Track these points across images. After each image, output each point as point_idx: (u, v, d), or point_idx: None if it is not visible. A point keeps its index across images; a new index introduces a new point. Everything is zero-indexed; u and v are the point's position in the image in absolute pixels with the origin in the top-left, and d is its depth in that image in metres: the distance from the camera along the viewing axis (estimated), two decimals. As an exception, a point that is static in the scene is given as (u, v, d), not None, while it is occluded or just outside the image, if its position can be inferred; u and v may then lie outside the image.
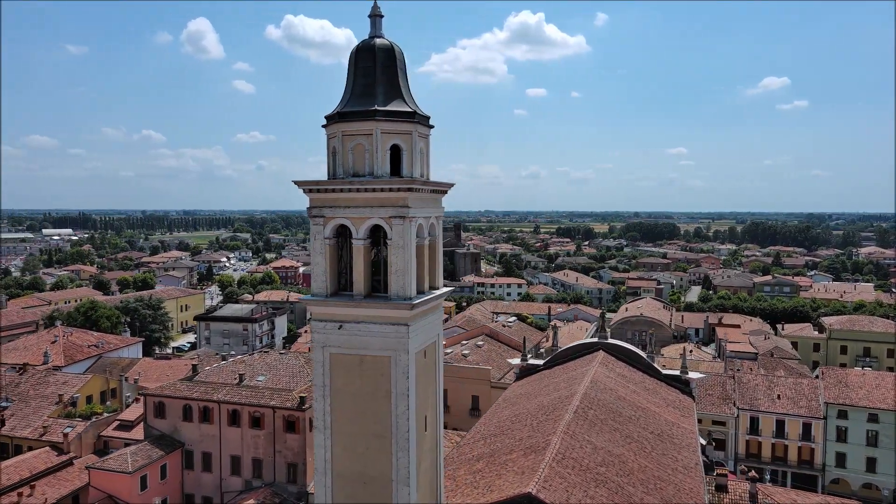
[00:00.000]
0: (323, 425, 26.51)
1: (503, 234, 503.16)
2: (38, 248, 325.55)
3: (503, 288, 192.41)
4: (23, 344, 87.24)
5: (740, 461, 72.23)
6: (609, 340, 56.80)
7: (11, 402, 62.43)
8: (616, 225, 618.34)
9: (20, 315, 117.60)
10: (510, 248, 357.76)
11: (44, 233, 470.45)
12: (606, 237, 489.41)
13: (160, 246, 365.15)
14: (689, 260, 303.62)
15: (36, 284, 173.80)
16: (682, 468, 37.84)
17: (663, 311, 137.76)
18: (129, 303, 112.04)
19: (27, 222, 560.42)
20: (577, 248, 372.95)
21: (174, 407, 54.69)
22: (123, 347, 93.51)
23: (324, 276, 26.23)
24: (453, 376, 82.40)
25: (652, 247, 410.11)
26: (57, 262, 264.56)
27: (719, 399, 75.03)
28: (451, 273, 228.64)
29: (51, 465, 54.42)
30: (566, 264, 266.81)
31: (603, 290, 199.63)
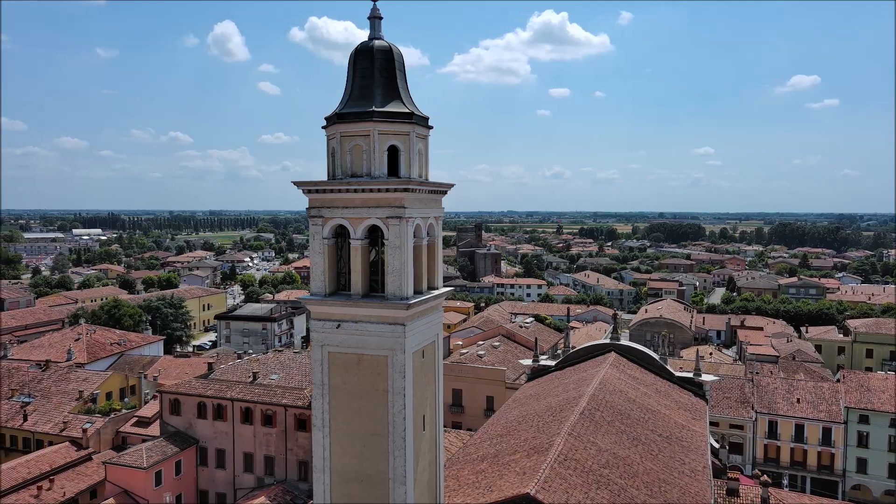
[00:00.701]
0: (322, 423, 26.79)
1: (525, 235, 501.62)
2: (68, 248, 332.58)
3: (523, 289, 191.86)
4: (48, 341, 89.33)
5: (758, 465, 71.13)
6: (621, 342, 56.36)
7: (34, 397, 63.97)
8: (640, 226, 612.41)
9: (47, 313, 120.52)
10: (532, 248, 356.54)
11: (74, 233, 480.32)
12: (629, 238, 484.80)
13: (185, 246, 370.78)
14: (713, 261, 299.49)
15: (64, 283, 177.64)
16: (689, 471, 37.44)
17: (684, 312, 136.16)
18: (151, 301, 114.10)
19: (58, 222, 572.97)
20: (599, 248, 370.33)
21: (189, 404, 55.59)
22: (145, 345, 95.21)
23: (322, 275, 26.51)
24: (468, 377, 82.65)
25: (676, 248, 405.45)
26: (85, 262, 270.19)
27: (737, 402, 73.97)
28: (471, 274, 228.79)
29: (70, 459, 55.76)
30: (587, 265, 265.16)
31: (624, 291, 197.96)
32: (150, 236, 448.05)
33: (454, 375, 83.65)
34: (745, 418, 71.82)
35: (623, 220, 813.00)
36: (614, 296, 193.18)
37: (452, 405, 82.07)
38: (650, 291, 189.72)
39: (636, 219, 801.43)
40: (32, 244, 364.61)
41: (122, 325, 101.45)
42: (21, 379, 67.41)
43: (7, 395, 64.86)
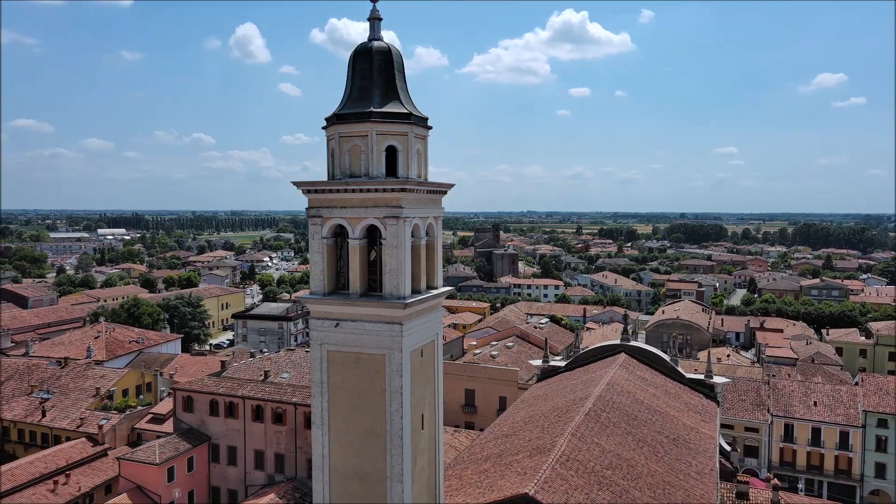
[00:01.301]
0: (321, 421, 27.04)
1: (544, 235, 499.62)
2: (93, 248, 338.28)
3: (540, 289, 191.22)
4: (68, 339, 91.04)
5: (774, 469, 70.15)
6: (632, 343, 55.99)
7: (52, 394, 65.23)
8: (660, 226, 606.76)
9: (69, 311, 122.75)
10: (550, 249, 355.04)
11: (99, 232, 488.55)
12: (650, 238, 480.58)
13: (206, 246, 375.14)
14: (734, 262, 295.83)
15: (87, 282, 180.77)
16: (695, 473, 37.11)
17: (702, 314, 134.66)
18: (169, 300, 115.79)
19: (84, 222, 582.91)
20: (618, 249, 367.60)
21: (202, 401, 56.27)
22: (163, 343, 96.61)
23: (322, 274, 26.76)
24: (481, 377, 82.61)
25: (697, 248, 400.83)
26: (109, 261, 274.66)
27: (753, 405, 73.04)
28: (488, 274, 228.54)
29: (86, 455, 56.76)
30: (606, 266, 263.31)
31: (642, 292, 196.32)
32: (173, 236, 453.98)
33: (467, 376, 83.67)
34: (761, 421, 70.88)
35: (644, 220, 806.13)
36: (632, 297, 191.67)
37: (465, 405, 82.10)
38: (668, 292, 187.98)
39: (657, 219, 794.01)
40: (58, 244, 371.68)
41: (141, 324, 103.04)
42: (40, 376, 68.79)
43: (27, 392, 66.24)
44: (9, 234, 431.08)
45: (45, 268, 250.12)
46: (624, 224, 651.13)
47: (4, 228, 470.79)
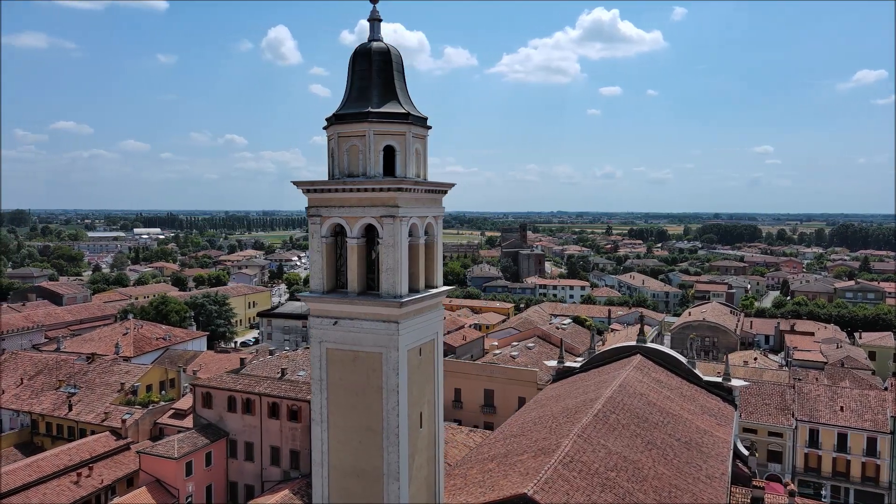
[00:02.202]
0: (320, 418, 27.35)
1: (573, 236, 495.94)
2: (128, 247, 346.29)
3: (566, 290, 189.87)
4: (98, 335, 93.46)
5: (798, 475, 68.62)
6: (648, 345, 55.32)
7: (79, 388, 67.05)
8: (692, 226, 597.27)
9: (101, 308, 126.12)
10: (578, 249, 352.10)
11: (135, 232, 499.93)
12: (680, 239, 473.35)
13: (237, 245, 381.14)
14: (768, 264, 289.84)
15: (120, 280, 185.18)
16: (704, 477, 36.54)
17: (729, 316, 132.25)
18: (196, 298, 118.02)
19: (121, 222, 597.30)
20: (647, 250, 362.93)
21: (220, 398, 57.29)
22: (189, 340, 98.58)
23: (321, 273, 27.08)
24: (500, 377, 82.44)
25: (729, 249, 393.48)
26: (143, 260, 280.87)
27: (777, 409, 71.50)
28: (514, 274, 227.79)
29: (109, 448, 58.24)
30: (634, 267, 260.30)
31: (670, 293, 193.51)
32: (205, 236, 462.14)
33: (486, 376, 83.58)
34: (785, 426, 69.35)
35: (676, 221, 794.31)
36: (660, 298, 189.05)
37: (484, 406, 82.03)
38: (697, 294, 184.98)
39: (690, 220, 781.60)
40: (95, 243, 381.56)
41: (168, 321, 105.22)
42: (68, 371, 70.75)
43: (55, 386, 68.19)
44: (49, 233, 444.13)
45: (81, 266, 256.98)
46: (655, 224, 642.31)
47: (45, 228, 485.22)
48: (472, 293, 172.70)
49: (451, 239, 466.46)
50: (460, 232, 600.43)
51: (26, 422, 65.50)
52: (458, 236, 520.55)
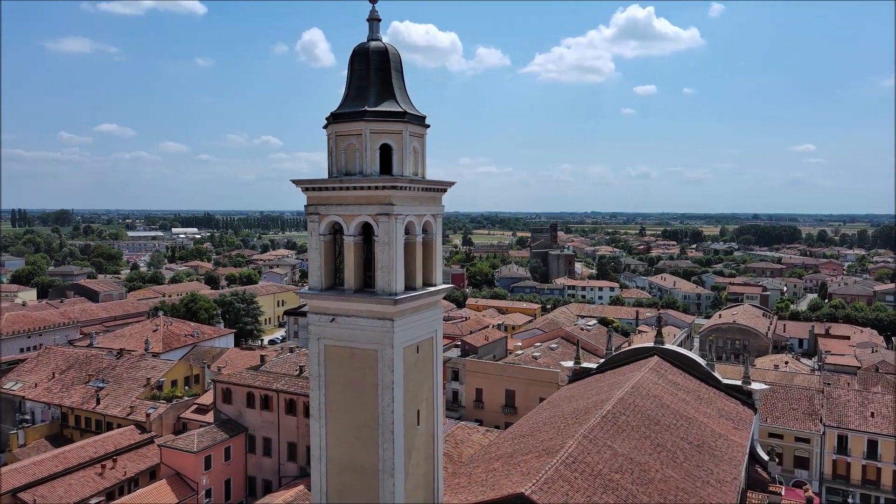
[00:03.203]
0: (318, 414, 27.68)
1: (606, 236, 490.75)
2: (165, 246, 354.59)
3: (594, 291, 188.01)
4: (129, 332, 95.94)
5: (826, 482, 66.81)
6: (665, 346, 54.49)
7: (107, 383, 68.96)
8: (729, 227, 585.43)
9: (135, 305, 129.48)
10: (610, 250, 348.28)
11: (172, 231, 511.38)
12: (716, 240, 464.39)
13: (270, 244, 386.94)
14: (806, 265, 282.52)
15: (156, 278, 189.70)
16: (714, 481, 35.85)
17: (762, 319, 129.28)
18: (225, 297, 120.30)
19: (160, 222, 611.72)
20: (681, 251, 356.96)
21: (239, 394, 58.34)
22: (217, 338, 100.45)
23: (319, 270, 27.40)
24: (521, 378, 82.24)
25: (767, 251, 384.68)
26: (179, 259, 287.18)
27: (804, 414, 69.68)
28: (543, 275, 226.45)
29: (133, 442, 59.75)
30: (666, 268, 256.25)
31: (702, 295, 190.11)
32: (240, 235, 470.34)
33: (507, 376, 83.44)
34: (813, 432, 67.54)
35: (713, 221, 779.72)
36: (691, 300, 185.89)
37: (505, 406, 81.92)
38: (730, 296, 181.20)
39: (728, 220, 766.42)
40: (134, 242, 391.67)
41: (197, 318, 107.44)
42: (98, 365, 72.82)
43: (84, 380, 70.24)
44: (90, 232, 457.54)
45: (120, 264, 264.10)
46: (690, 225, 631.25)
47: (87, 227, 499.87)
48: (498, 293, 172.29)
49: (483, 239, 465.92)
50: (491, 232, 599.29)
51: (57, 414, 67.62)
52: (490, 237, 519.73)
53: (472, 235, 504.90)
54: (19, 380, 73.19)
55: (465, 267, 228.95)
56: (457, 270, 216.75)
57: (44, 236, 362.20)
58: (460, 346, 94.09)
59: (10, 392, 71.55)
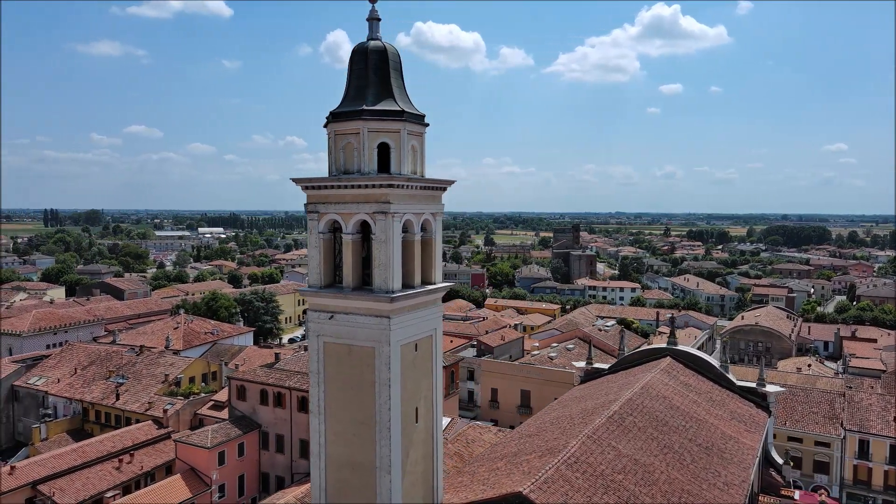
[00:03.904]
0: (318, 410, 27.96)
1: (630, 237, 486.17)
2: (191, 245, 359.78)
3: (615, 292, 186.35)
4: (151, 329, 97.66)
5: (847, 487, 65.41)
6: (678, 347, 53.86)
7: (127, 378, 70.27)
8: (756, 228, 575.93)
9: (158, 304, 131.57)
10: (633, 251, 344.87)
11: (199, 231, 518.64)
12: (743, 241, 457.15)
13: (293, 244, 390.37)
14: (835, 267, 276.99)
15: (180, 277, 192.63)
16: (721, 484, 35.37)
17: (785, 321, 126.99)
18: (245, 295, 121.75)
19: (187, 221, 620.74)
20: (706, 252, 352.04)
21: (253, 391, 59.04)
22: (236, 336, 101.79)
23: (318, 268, 27.68)
24: (536, 378, 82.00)
25: (795, 252, 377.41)
26: (204, 258, 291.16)
27: (825, 418, 68.30)
28: (564, 275, 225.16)
29: (151, 437, 60.81)
30: (690, 269, 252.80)
31: (726, 296, 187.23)
32: (264, 235, 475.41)
33: (523, 376, 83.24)
34: (833, 436, 66.18)
35: (741, 222, 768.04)
36: (714, 301, 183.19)
37: (520, 406, 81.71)
38: (754, 298, 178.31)
39: (756, 221, 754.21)
40: (162, 241, 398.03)
41: (218, 317, 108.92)
42: (118, 362, 74.24)
43: (105, 376, 71.67)
44: (119, 232, 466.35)
45: (146, 263, 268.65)
46: (716, 226, 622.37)
47: (116, 227, 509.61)
48: (518, 294, 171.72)
49: (505, 239, 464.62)
50: (514, 232, 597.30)
51: (78, 409, 69.11)
52: (512, 237, 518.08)
53: (494, 236, 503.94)
54: (43, 375, 74.98)
55: (485, 267, 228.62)
56: (477, 270, 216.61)
57: (74, 236, 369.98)
58: (476, 346, 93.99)
59: (34, 387, 73.35)
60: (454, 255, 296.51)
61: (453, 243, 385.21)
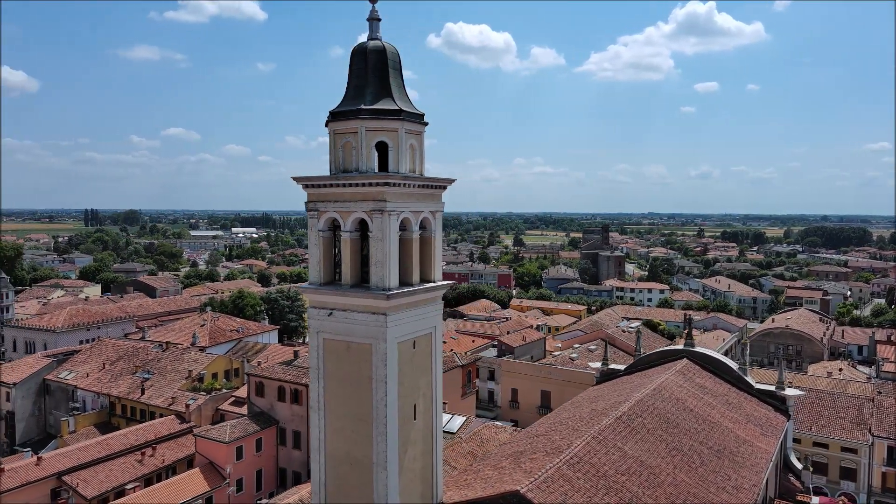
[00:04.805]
0: (317, 406, 28.34)
1: (662, 238, 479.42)
2: (224, 245, 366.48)
3: (643, 293, 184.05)
4: (179, 326, 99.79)
5: (874, 495, 63.60)
6: (696, 349, 53.05)
7: (152, 374, 71.97)
8: (794, 229, 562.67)
9: (188, 301, 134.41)
10: (665, 252, 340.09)
11: (232, 231, 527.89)
12: (780, 242, 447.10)
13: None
14: (875, 269, 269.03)
15: (211, 276, 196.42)
16: (731, 487, 34.77)
17: (818, 324, 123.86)
18: (271, 294, 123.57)
19: (221, 221, 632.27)
20: (740, 253, 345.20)
21: (271, 387, 59.94)
22: (261, 333, 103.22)
23: (318, 265, 28.06)
24: (556, 378, 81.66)
25: (834, 254, 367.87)
26: (236, 257, 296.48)
27: (852, 423, 66.52)
28: (593, 276, 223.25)
29: (173, 431, 62.20)
30: (723, 270, 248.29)
31: (758, 299, 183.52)
32: (295, 235, 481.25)
33: (543, 377, 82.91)
34: (860, 442, 64.42)
35: (778, 223, 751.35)
36: (746, 304, 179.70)
37: (540, 406, 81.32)
38: (788, 300, 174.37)
39: (794, 222, 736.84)
40: (196, 241, 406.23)
41: (244, 315, 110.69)
42: (144, 357, 76.08)
43: (132, 371, 73.50)
44: (156, 231, 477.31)
45: (180, 262, 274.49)
46: (752, 227, 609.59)
47: (153, 227, 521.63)
48: (544, 294, 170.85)
49: (535, 240, 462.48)
50: (545, 233, 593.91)
51: (105, 403, 71.00)
52: (542, 237, 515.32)
53: (524, 236, 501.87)
54: (73, 370, 77.24)
55: (512, 268, 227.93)
56: (504, 271, 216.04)
57: (112, 235, 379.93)
58: (497, 346, 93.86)
59: (65, 381, 75.62)
60: (482, 255, 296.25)
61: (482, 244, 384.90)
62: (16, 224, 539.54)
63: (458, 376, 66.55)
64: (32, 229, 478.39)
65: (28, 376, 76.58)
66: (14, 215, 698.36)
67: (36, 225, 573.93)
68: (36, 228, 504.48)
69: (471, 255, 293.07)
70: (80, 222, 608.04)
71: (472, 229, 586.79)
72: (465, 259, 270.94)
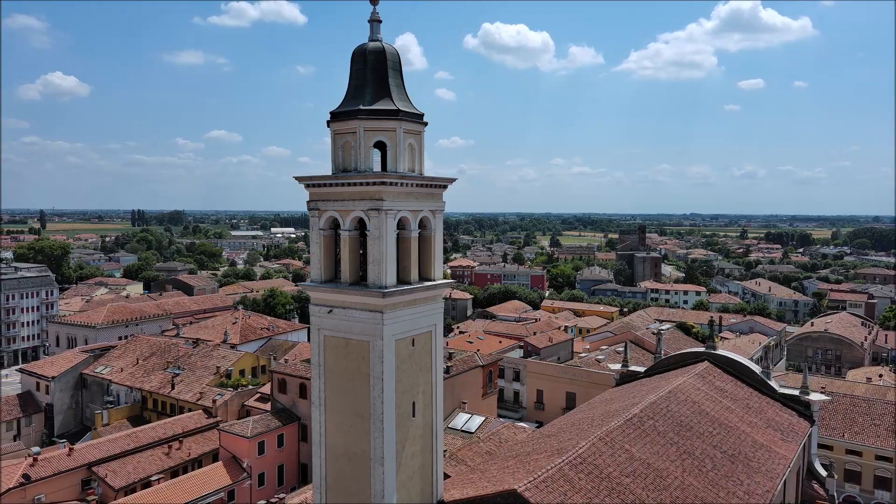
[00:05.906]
0: (319, 402, 28.82)
1: (703, 239, 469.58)
2: (262, 244, 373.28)
3: (679, 295, 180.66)
4: (212, 323, 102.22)
5: (910, 506, 61.26)
6: (717, 351, 51.97)
7: (182, 370, 73.96)
8: (843, 230, 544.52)
9: (223, 300, 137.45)
10: (704, 253, 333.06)
11: (272, 231, 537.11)
12: (827, 244, 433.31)
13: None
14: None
15: (248, 275, 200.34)
16: (742, 493, 34.05)
17: (859, 328, 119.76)
18: (302, 293, 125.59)
19: (261, 222, 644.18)
20: (783, 255, 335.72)
21: (293, 384, 60.99)
22: (290, 332, 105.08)
23: (319, 264, 28.55)
24: (583, 380, 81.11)
25: (884, 256, 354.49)
26: (273, 257, 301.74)
27: (888, 431, 64.25)
28: (628, 278, 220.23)
29: (200, 425, 63.84)
30: (764, 273, 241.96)
31: (799, 302, 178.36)
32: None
33: (568, 378, 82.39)
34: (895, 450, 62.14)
35: (827, 224, 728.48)
36: (787, 307, 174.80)
37: (566, 408, 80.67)
38: (830, 303, 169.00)
39: (844, 223, 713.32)
40: (236, 240, 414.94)
41: (275, 313, 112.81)
42: (176, 354, 78.23)
43: (164, 367, 75.66)
44: (198, 231, 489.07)
45: (220, 262, 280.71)
46: (798, 228, 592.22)
47: (195, 227, 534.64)
48: (576, 296, 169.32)
49: (572, 241, 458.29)
50: (582, 234, 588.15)
51: (137, 397, 73.27)
52: (580, 238, 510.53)
53: (560, 237, 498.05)
54: (108, 364, 79.90)
55: (546, 269, 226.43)
56: (537, 272, 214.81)
57: (156, 235, 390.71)
58: (523, 347, 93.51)
59: (100, 375, 78.29)
60: (516, 256, 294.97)
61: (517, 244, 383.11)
62: (66, 224, 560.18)
63: (478, 376, 66.56)
64: (82, 229, 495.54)
65: (66, 370, 79.57)
66: (65, 215, 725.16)
67: (85, 225, 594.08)
68: (85, 228, 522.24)
69: (504, 255, 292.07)
70: (127, 222, 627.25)
71: (509, 230, 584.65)
72: (498, 260, 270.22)
